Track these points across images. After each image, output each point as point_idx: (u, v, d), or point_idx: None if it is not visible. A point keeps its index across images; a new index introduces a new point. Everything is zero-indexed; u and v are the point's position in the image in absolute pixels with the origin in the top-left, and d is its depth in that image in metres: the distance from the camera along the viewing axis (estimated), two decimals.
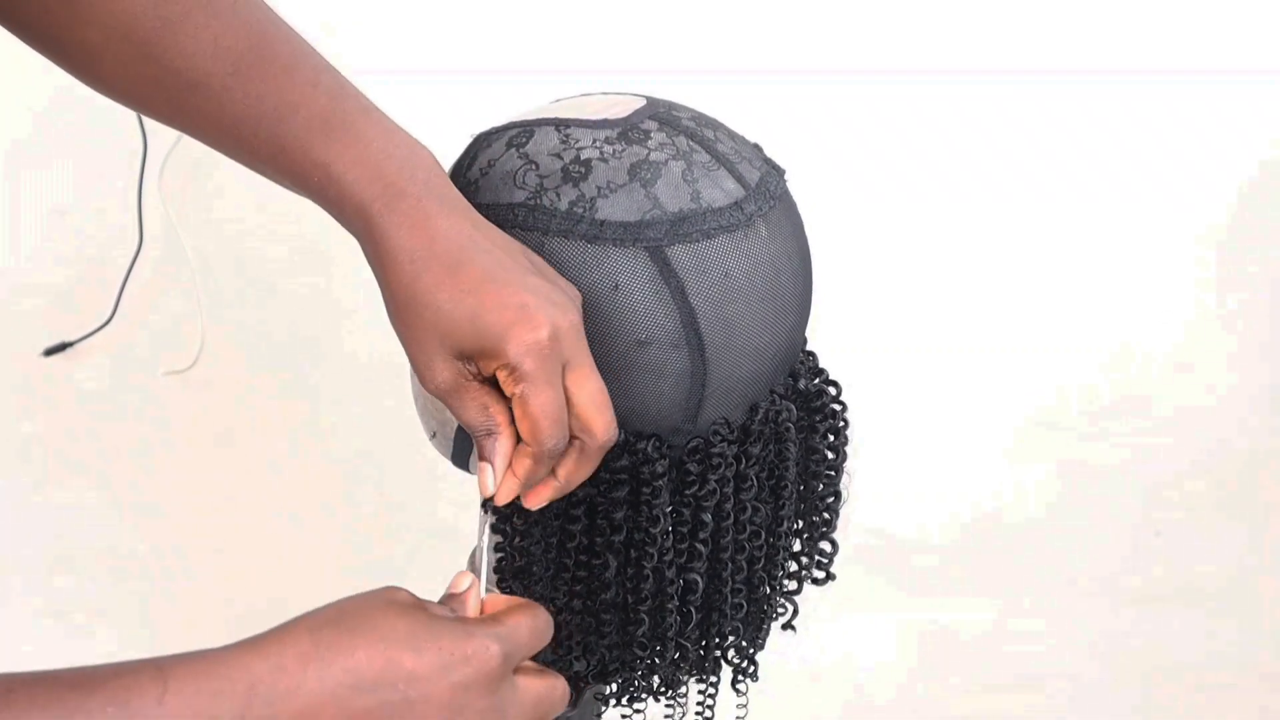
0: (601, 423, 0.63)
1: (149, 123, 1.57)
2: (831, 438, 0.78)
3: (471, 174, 0.70)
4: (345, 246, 1.77)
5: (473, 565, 0.68)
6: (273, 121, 0.64)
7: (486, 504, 0.69)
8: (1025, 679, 1.80)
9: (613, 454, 0.68)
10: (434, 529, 1.57)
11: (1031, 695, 1.81)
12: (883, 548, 1.70)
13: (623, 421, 0.68)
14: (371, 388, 1.67)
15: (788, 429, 0.73)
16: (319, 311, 1.66)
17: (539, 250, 0.67)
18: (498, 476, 0.63)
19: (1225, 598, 1.74)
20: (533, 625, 0.62)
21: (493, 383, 0.63)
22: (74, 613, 1.86)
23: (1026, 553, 1.73)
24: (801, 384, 0.75)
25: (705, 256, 0.67)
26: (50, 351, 1.69)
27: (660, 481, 0.69)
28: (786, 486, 0.75)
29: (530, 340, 0.61)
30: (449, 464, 0.80)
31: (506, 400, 0.63)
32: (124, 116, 1.56)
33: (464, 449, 0.76)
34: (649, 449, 0.69)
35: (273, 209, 1.63)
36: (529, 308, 0.61)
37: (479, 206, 0.68)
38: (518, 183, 0.68)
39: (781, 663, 0.84)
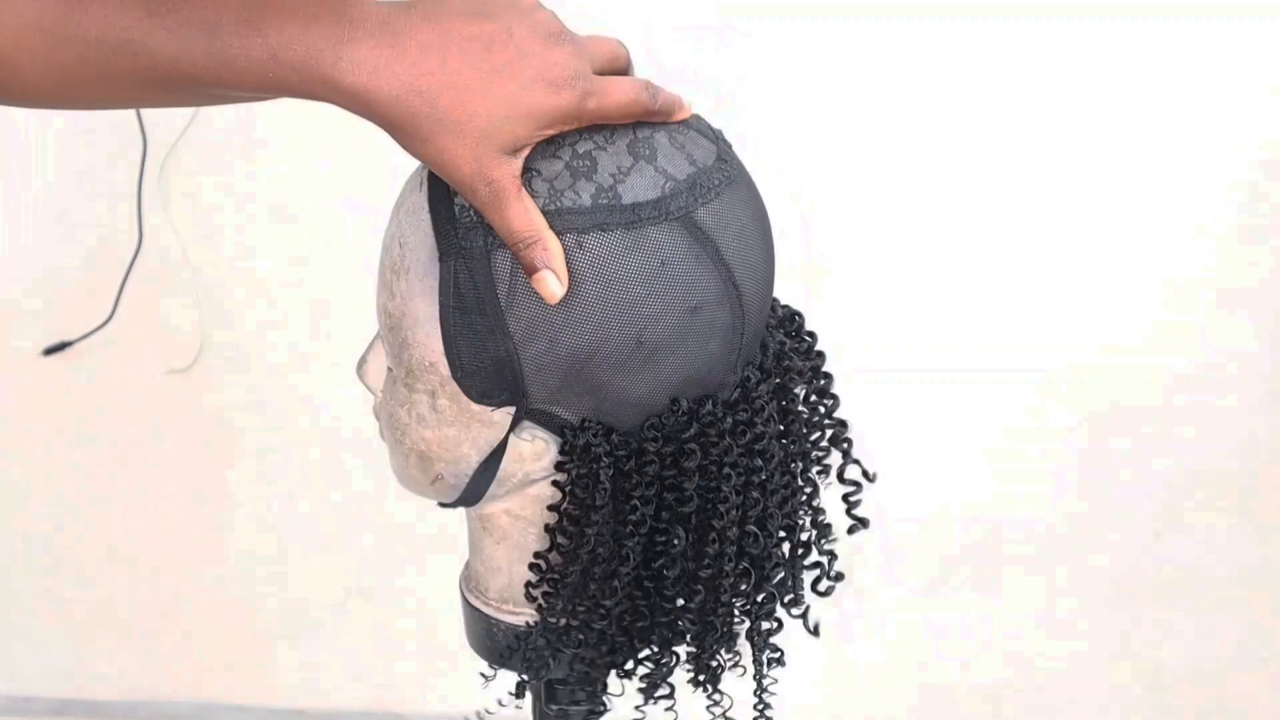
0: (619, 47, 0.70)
1: (149, 121, 1.57)
2: (818, 360, 0.80)
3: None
4: (347, 245, 1.76)
5: None
6: (207, 40, 0.64)
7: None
8: (1024, 679, 1.80)
9: (679, 426, 0.70)
10: (435, 529, 1.57)
11: (1030, 695, 1.81)
12: (882, 548, 1.70)
13: (681, 390, 0.70)
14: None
15: (790, 359, 0.76)
16: (319, 310, 1.66)
17: (577, 250, 0.66)
18: (562, 277, 0.65)
19: (1226, 598, 1.74)
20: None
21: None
22: (74, 612, 1.86)
23: (1026, 553, 1.73)
24: (778, 311, 0.79)
25: (722, 213, 0.69)
26: (50, 351, 1.69)
27: (727, 439, 0.71)
28: (796, 421, 0.77)
29: (573, 96, 0.65)
30: None
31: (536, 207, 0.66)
32: (124, 116, 1.56)
33: (480, 484, 0.75)
34: (713, 410, 0.71)
35: (273, 208, 1.63)
36: (548, 72, 0.64)
37: (491, 228, 0.67)
38: (529, 192, 0.67)
39: (781, 662, 0.84)
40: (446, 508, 0.79)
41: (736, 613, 0.77)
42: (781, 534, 0.77)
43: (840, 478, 0.80)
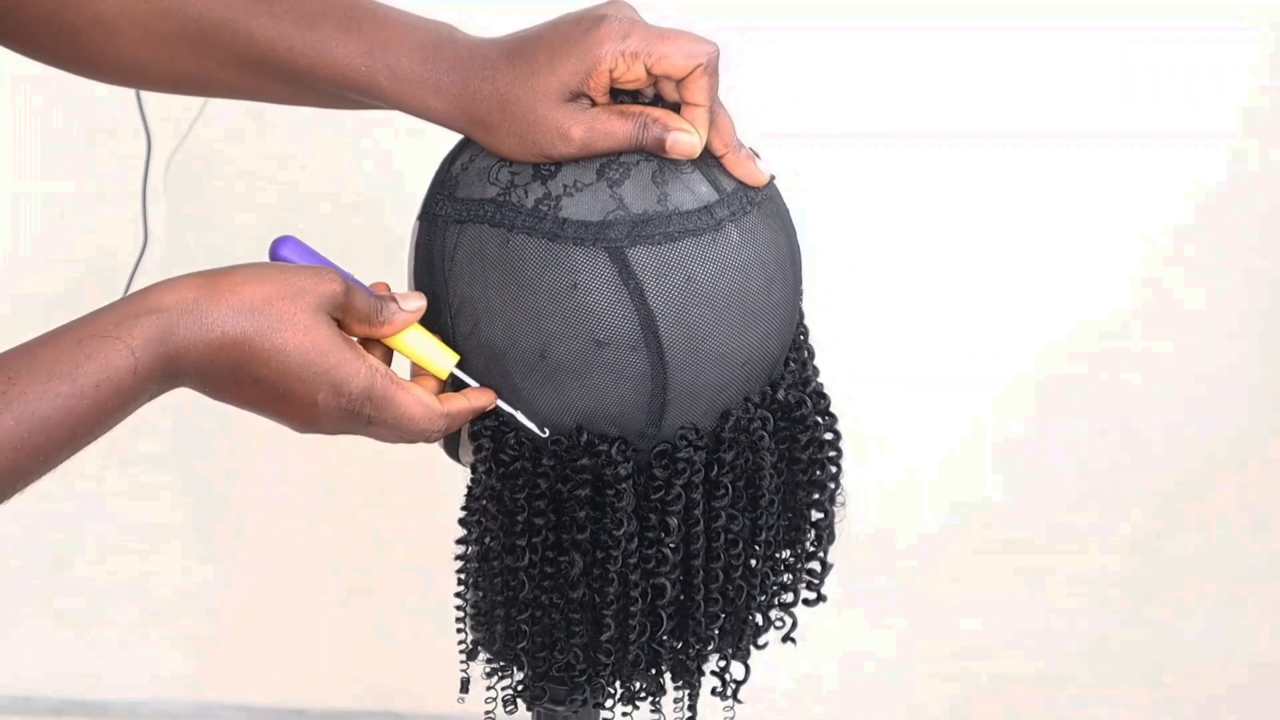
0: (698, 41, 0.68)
1: (153, 120, 1.57)
2: (814, 450, 0.77)
3: (454, 169, 0.72)
4: (350, 244, 1.77)
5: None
6: (305, 32, 0.67)
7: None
8: (1022, 679, 1.80)
9: (574, 454, 0.70)
10: (438, 528, 1.58)
11: (1031, 695, 1.81)
12: (879, 548, 1.70)
13: (585, 423, 0.70)
14: None
15: (761, 438, 0.72)
16: None
17: (504, 247, 0.68)
18: (690, 129, 0.67)
19: (1226, 598, 1.74)
20: (419, 408, 0.67)
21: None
22: (76, 613, 1.86)
23: (1025, 552, 1.73)
24: (781, 394, 0.74)
25: (667, 259, 0.67)
26: None
27: (624, 484, 0.70)
28: (764, 496, 0.74)
29: (610, 25, 0.66)
30: (454, 466, 0.81)
31: (617, 98, 0.68)
32: (128, 113, 1.56)
33: (452, 439, 0.77)
34: (611, 451, 0.69)
35: (278, 206, 1.63)
36: (584, 18, 0.67)
37: (456, 201, 0.70)
38: (491, 179, 0.69)
39: (779, 663, 0.84)
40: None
41: (661, 652, 0.75)
42: (719, 597, 0.74)
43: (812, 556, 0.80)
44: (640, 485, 0.71)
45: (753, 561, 0.76)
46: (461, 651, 0.82)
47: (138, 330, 0.62)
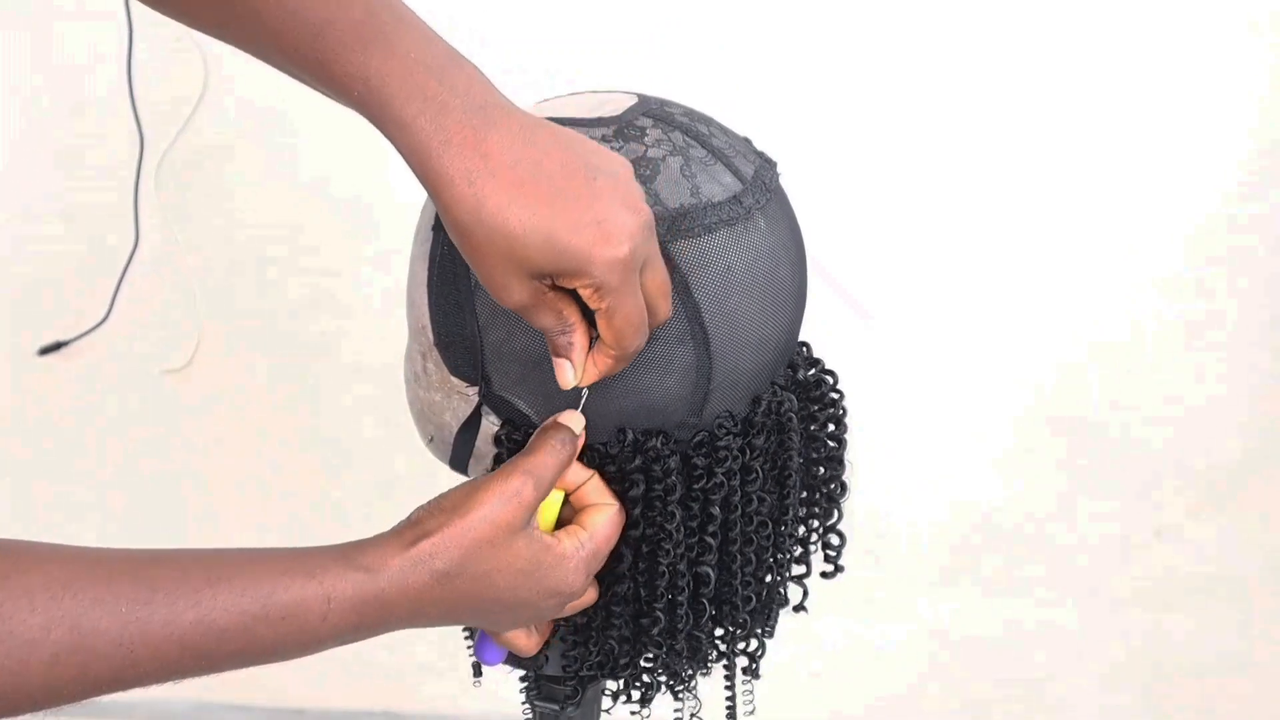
0: (665, 306, 0.65)
1: (145, 120, 1.57)
2: (832, 426, 0.78)
3: None
4: (344, 243, 1.75)
5: None
6: (311, 35, 0.63)
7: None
8: (1024, 678, 1.81)
9: (625, 455, 0.69)
10: None
11: (1031, 694, 1.81)
12: (883, 547, 1.70)
13: (631, 419, 0.69)
14: (369, 386, 1.66)
15: (790, 419, 0.73)
16: (316, 309, 1.67)
17: None
18: (578, 370, 0.65)
19: (1224, 598, 1.75)
20: (612, 525, 0.70)
21: (565, 290, 0.64)
22: None
23: (1026, 553, 1.73)
24: (800, 374, 0.76)
25: (707, 251, 0.67)
26: (46, 350, 1.69)
27: (673, 478, 0.70)
28: (790, 476, 0.75)
29: (613, 258, 0.61)
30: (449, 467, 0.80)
31: (575, 298, 0.64)
32: (121, 115, 1.56)
33: (462, 454, 0.76)
34: (659, 445, 0.69)
35: (270, 206, 1.63)
36: (606, 224, 0.61)
37: None
38: None
39: (783, 660, 0.83)
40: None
41: (703, 639, 0.75)
42: (751, 579, 0.75)
43: (827, 530, 0.80)
44: (682, 476, 0.71)
45: (780, 540, 0.77)
46: (468, 640, 0.81)
47: (342, 583, 0.63)
